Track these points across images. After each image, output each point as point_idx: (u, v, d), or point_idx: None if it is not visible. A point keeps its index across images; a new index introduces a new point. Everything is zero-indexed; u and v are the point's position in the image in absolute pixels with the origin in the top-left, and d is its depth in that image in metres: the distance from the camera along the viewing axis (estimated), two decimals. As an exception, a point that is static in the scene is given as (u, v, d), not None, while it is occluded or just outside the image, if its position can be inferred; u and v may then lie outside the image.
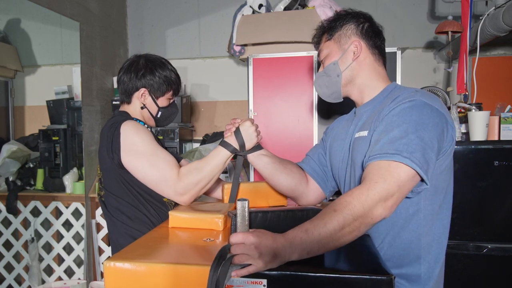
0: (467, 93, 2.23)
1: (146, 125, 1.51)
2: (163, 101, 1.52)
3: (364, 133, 1.12)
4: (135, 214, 1.41)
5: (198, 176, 1.31)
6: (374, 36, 1.20)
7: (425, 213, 1.07)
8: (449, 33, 2.24)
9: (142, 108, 1.50)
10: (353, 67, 1.19)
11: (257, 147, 1.35)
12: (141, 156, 1.32)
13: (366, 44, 1.19)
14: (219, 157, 1.33)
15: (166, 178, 1.31)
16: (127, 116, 1.46)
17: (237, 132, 1.32)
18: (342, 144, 1.25)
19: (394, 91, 1.15)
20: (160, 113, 1.53)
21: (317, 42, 1.29)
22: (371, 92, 1.20)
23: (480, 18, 2.27)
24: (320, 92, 1.29)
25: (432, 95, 1.07)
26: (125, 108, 1.52)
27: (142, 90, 1.48)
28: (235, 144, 1.32)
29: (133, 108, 1.51)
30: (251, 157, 1.36)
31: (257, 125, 1.35)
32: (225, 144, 1.33)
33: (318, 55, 1.27)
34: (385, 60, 1.24)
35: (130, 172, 1.36)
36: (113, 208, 1.43)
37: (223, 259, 0.81)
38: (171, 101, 1.56)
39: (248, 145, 1.33)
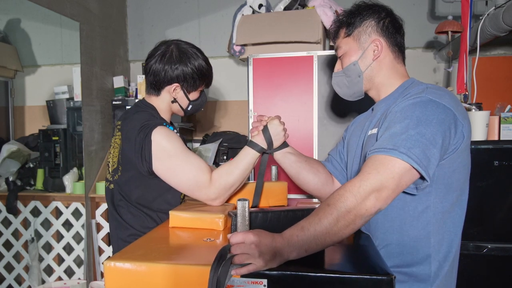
0: (467, 93, 2.23)
1: (175, 131, 1.45)
2: (194, 95, 1.49)
3: (375, 130, 1.12)
4: (141, 218, 1.39)
5: (230, 180, 1.30)
6: (394, 32, 1.17)
7: (435, 211, 1.06)
8: (449, 33, 2.24)
9: (172, 102, 1.47)
10: (373, 67, 1.18)
11: (283, 144, 1.35)
12: (174, 163, 1.30)
13: (386, 42, 1.17)
14: (248, 158, 1.32)
15: (199, 184, 1.29)
16: (155, 117, 1.41)
17: (265, 131, 1.31)
18: (357, 140, 1.25)
19: (408, 88, 1.14)
20: (190, 106, 1.50)
21: (334, 36, 1.26)
22: (388, 89, 1.19)
23: (480, 18, 2.27)
24: (340, 92, 1.28)
25: (443, 91, 1.05)
26: (152, 100, 1.47)
27: (175, 85, 1.43)
28: (262, 143, 1.31)
29: (161, 101, 1.46)
30: (277, 155, 1.36)
31: (283, 123, 1.34)
32: (252, 145, 1.31)
33: (336, 50, 1.25)
34: (404, 56, 1.22)
35: (160, 178, 1.33)
36: (119, 202, 1.41)
37: (223, 260, 0.81)
38: (201, 92, 1.54)
39: (276, 144, 1.32)
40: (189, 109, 1.50)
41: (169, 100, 1.46)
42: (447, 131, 0.99)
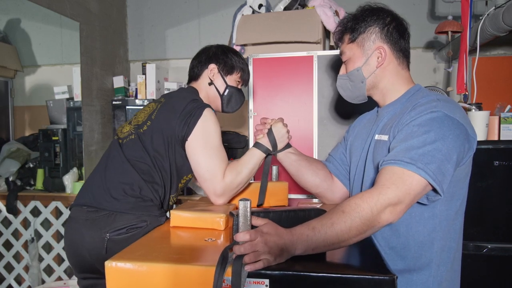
0: (467, 93, 2.23)
1: None
2: (231, 81, 1.54)
3: (385, 137, 1.12)
4: (151, 172, 1.36)
5: (238, 179, 1.34)
6: (399, 38, 1.16)
7: (440, 218, 1.08)
8: (449, 33, 2.24)
9: (209, 84, 1.51)
10: (376, 74, 1.18)
11: (286, 145, 1.41)
12: (206, 146, 1.33)
13: (390, 49, 1.16)
14: (255, 159, 1.37)
15: (214, 175, 1.31)
16: (199, 98, 1.46)
17: (270, 133, 1.37)
18: (362, 144, 1.26)
19: (416, 95, 1.15)
20: (227, 90, 1.53)
21: (338, 39, 1.26)
22: (393, 95, 1.20)
23: (480, 18, 2.27)
24: (344, 94, 1.29)
25: (454, 105, 1.06)
26: (193, 84, 1.55)
27: (212, 66, 1.51)
28: (268, 145, 1.37)
29: (199, 84, 1.53)
30: (279, 154, 1.41)
31: (286, 125, 1.40)
32: (259, 146, 1.37)
33: (340, 55, 1.25)
34: (409, 61, 1.21)
35: (186, 151, 1.36)
36: (132, 156, 1.38)
37: (225, 262, 0.82)
38: (239, 86, 1.58)
39: (280, 146, 1.39)
40: (226, 93, 1.53)
41: (206, 83, 1.52)
42: (461, 147, 1.01)
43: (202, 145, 1.33)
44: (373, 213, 0.90)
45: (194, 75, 1.55)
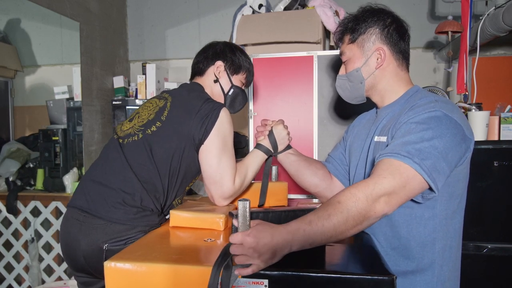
0: (467, 93, 2.23)
1: None
2: (236, 81, 1.51)
3: (384, 138, 1.13)
4: (153, 181, 1.29)
5: (245, 182, 1.35)
6: (399, 39, 1.16)
7: (440, 218, 1.08)
8: (449, 33, 2.24)
9: (215, 81, 1.48)
10: (375, 75, 1.18)
11: (287, 147, 1.43)
12: (221, 148, 1.30)
13: (390, 50, 1.16)
14: (258, 160, 1.38)
15: (225, 178, 1.29)
16: (209, 96, 1.41)
17: (271, 135, 1.39)
18: (362, 144, 1.26)
19: (414, 96, 1.15)
20: (232, 90, 1.49)
21: (339, 39, 1.26)
22: (392, 96, 1.20)
23: (480, 18, 2.27)
24: (343, 94, 1.30)
25: (452, 105, 1.07)
26: (197, 80, 1.50)
27: (219, 63, 1.48)
28: (269, 146, 1.39)
29: (204, 81, 1.48)
30: (279, 156, 1.44)
31: (287, 126, 1.42)
32: (261, 147, 1.39)
33: (340, 55, 1.25)
34: (409, 62, 1.21)
35: (199, 154, 1.31)
36: (135, 160, 1.30)
37: (227, 256, 0.82)
38: (243, 87, 1.55)
39: (281, 147, 1.41)
40: (230, 93, 1.49)
41: (212, 80, 1.48)
42: (458, 146, 1.01)
43: (218, 147, 1.29)
44: (368, 202, 0.89)
45: (198, 70, 1.50)
